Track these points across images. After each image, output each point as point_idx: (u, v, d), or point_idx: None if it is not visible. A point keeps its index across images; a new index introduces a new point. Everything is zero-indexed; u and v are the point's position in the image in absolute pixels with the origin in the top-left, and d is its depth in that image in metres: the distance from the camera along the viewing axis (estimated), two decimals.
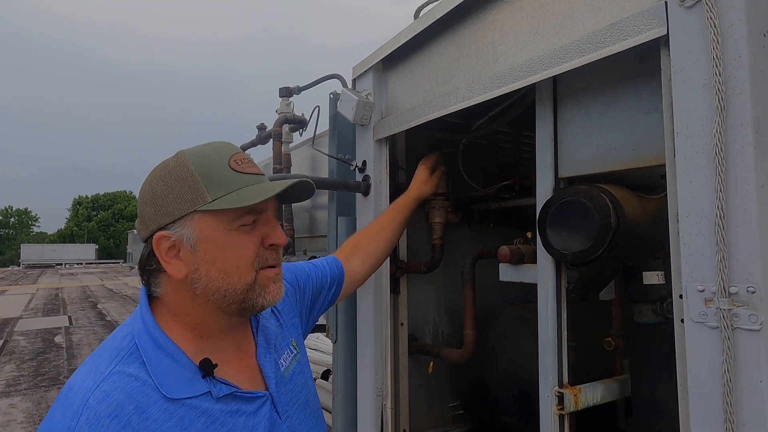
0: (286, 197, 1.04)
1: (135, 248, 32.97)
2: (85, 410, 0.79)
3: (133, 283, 24.58)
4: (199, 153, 0.93)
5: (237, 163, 0.94)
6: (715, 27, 0.92)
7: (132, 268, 33.07)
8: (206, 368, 0.90)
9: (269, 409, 0.98)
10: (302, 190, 1.04)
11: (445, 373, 2.26)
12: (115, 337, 0.91)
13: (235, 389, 0.93)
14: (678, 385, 1.01)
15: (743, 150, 0.89)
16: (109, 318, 13.64)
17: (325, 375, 3.65)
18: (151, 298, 0.97)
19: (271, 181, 0.97)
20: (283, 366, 1.07)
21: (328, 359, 4.63)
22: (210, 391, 0.89)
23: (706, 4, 0.92)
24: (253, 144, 2.87)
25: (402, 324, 2.05)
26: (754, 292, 0.87)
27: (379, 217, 1.82)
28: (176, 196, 0.90)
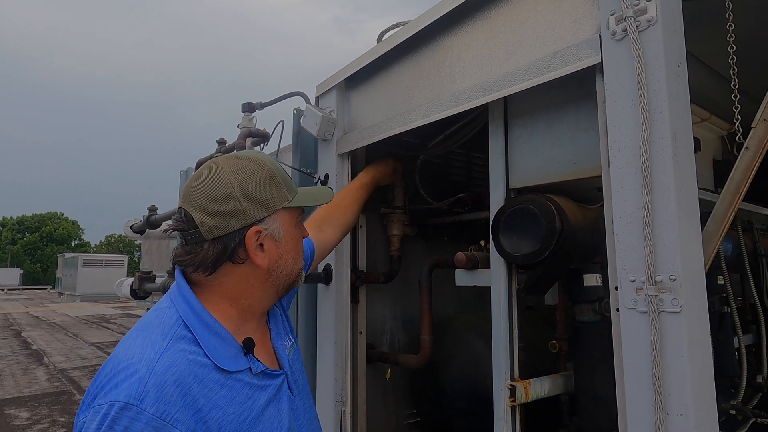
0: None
1: (65, 273, 30.86)
2: (152, 376, 0.85)
3: (61, 309, 23.02)
4: (267, 159, 1.08)
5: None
6: (640, 57, 1.09)
7: (61, 294, 30.96)
8: (249, 347, 1.01)
9: (286, 386, 1.10)
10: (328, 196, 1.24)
11: (402, 381, 2.33)
12: (162, 316, 0.97)
13: (266, 368, 1.04)
14: (615, 367, 1.14)
15: (664, 160, 1.05)
16: (35, 347, 12.68)
17: None
18: (190, 285, 1.04)
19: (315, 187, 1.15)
20: (286, 350, 1.19)
21: None
22: (250, 367, 1.00)
23: (632, 38, 1.10)
24: (211, 158, 2.88)
25: (361, 332, 2.12)
26: (675, 280, 1.02)
27: (342, 192, 1.94)
28: (270, 195, 1.03)
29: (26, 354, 11.68)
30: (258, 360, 1.03)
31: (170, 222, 1.08)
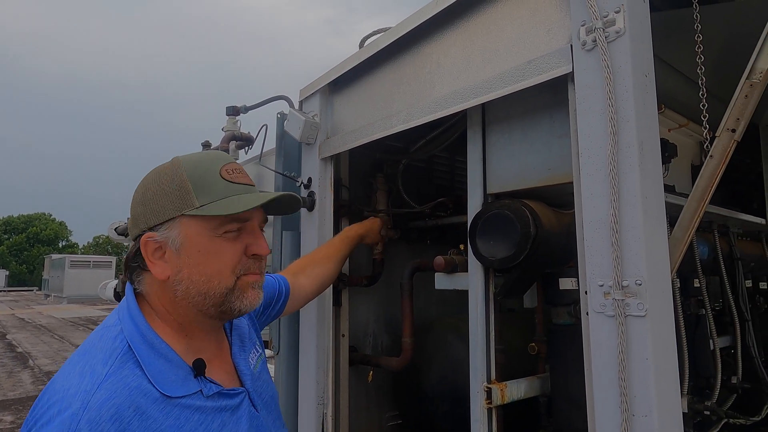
0: (273, 209, 1.08)
1: (52, 274, 30.52)
2: (86, 413, 0.78)
3: (47, 311, 22.76)
4: (192, 160, 0.98)
5: (228, 172, 0.98)
6: (609, 67, 1.12)
7: (48, 296, 30.59)
8: (199, 368, 0.94)
9: (247, 403, 1.03)
10: (288, 203, 1.10)
11: (384, 384, 2.35)
12: (105, 337, 0.90)
13: (221, 388, 0.97)
14: (585, 370, 1.17)
15: (631, 168, 1.08)
16: (20, 349, 12.53)
17: None
18: (137, 296, 0.98)
19: (261, 192, 1.02)
20: (251, 364, 1.12)
21: None
22: (201, 390, 0.93)
23: (601, 48, 1.13)
24: None
25: (343, 335, 2.13)
26: (640, 285, 1.05)
27: (323, 246, 1.91)
28: (167, 199, 0.94)
29: (11, 357, 11.54)
30: (211, 381, 0.96)
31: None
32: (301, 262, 1.76)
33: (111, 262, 29.94)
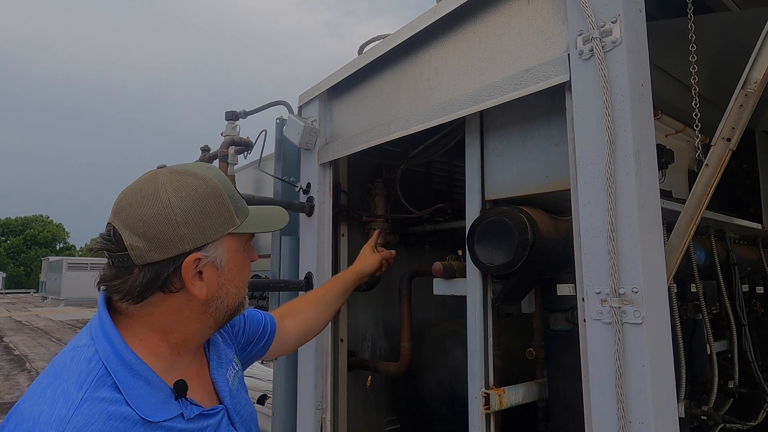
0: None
1: (49, 276, 30.44)
2: None
3: (44, 314, 22.68)
4: (218, 176, 0.96)
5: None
6: (605, 77, 1.13)
7: (45, 298, 30.50)
8: (180, 390, 0.90)
9: (226, 421, 1.01)
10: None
11: (382, 388, 2.36)
12: (78, 358, 0.84)
13: (201, 409, 0.95)
14: (582, 377, 1.17)
15: (627, 176, 1.09)
16: (17, 352, 12.49)
17: (261, 400, 3.61)
18: (114, 314, 0.92)
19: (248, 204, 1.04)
20: (229, 381, 1.10)
21: (264, 385, 4.56)
22: (182, 413, 0.90)
23: (598, 57, 1.14)
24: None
25: (342, 340, 2.14)
26: (637, 292, 1.06)
27: (320, 287, 1.80)
28: (213, 219, 0.91)
29: (8, 359, 11.51)
30: (191, 402, 0.93)
31: (97, 238, 0.93)
32: (292, 303, 1.65)
33: None
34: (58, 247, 64.10)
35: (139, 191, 0.89)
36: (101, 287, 0.90)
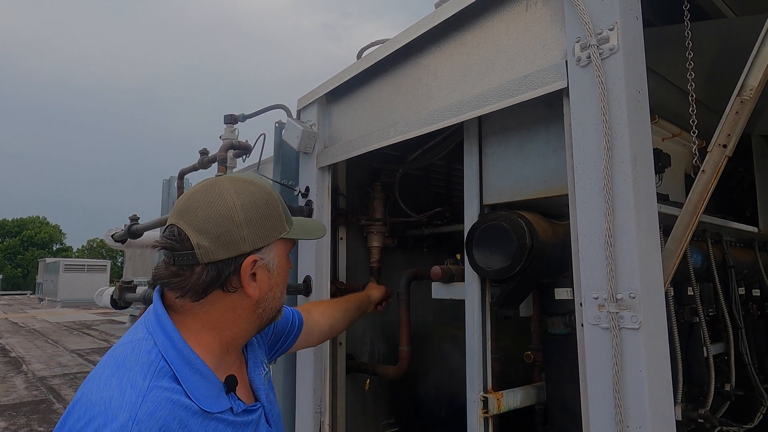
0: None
1: (45, 278, 30.29)
2: (136, 425, 0.79)
3: (41, 316, 22.60)
4: (270, 186, 1.05)
5: None
6: (603, 83, 1.14)
7: (42, 299, 30.37)
8: (231, 385, 0.97)
9: (263, 418, 1.06)
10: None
11: (381, 391, 2.36)
12: (138, 350, 0.90)
13: (246, 405, 1.01)
14: (580, 381, 1.18)
15: (624, 182, 1.10)
16: (13, 354, 12.44)
17: None
18: (168, 310, 0.98)
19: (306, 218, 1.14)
20: (263, 381, 1.15)
21: None
22: (232, 407, 0.96)
23: (596, 64, 1.15)
24: (194, 168, 2.89)
25: (340, 343, 2.14)
26: (634, 297, 1.07)
27: (332, 299, 1.93)
28: (270, 223, 0.99)
29: (4, 362, 11.46)
30: (238, 398, 0.99)
31: (159, 238, 0.98)
32: (317, 302, 1.81)
33: (105, 266, 29.74)
34: (54, 249, 63.88)
35: (203, 195, 0.95)
36: (160, 284, 0.96)
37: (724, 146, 1.15)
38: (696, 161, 1.26)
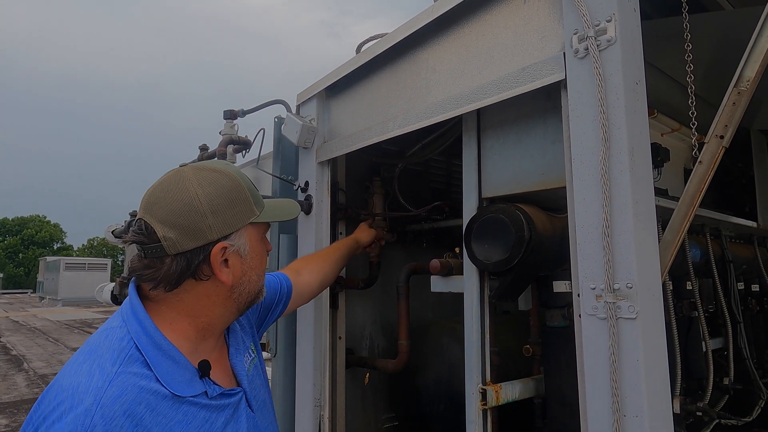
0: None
1: (46, 277, 30.33)
2: (99, 408, 0.80)
3: (41, 314, 22.63)
4: (237, 171, 1.04)
5: None
6: (600, 75, 1.14)
7: (42, 298, 30.42)
8: (204, 370, 0.98)
9: (244, 403, 1.07)
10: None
11: (380, 386, 2.37)
12: (110, 338, 0.91)
13: (223, 389, 1.02)
14: (577, 370, 1.19)
15: (622, 173, 1.11)
16: (14, 352, 12.47)
17: None
18: (144, 300, 0.99)
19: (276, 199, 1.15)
20: (246, 366, 1.16)
21: None
22: (206, 391, 0.97)
23: (593, 56, 1.15)
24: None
25: (340, 337, 2.15)
26: (631, 288, 1.07)
27: (322, 249, 1.93)
28: (237, 210, 1.00)
29: (5, 360, 11.49)
30: (214, 382, 1.00)
31: (127, 233, 1.01)
32: (304, 259, 1.80)
33: (106, 264, 29.78)
34: (55, 247, 63.95)
35: (166, 188, 0.96)
36: (134, 277, 0.97)
37: (721, 137, 1.15)
38: (695, 153, 1.26)
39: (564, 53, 1.23)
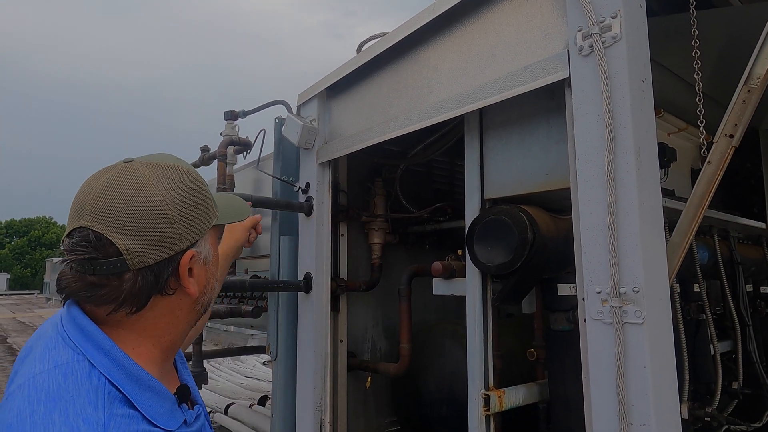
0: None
1: (53, 277, 30.52)
2: None
3: (48, 315, 22.68)
4: (191, 167, 0.92)
5: None
6: (605, 73, 1.11)
7: (49, 299, 30.56)
8: (184, 396, 0.88)
9: (206, 423, 0.99)
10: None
11: (382, 389, 2.34)
12: (72, 377, 0.76)
13: (193, 412, 0.92)
14: (582, 376, 1.16)
15: (628, 173, 1.07)
16: None
17: (262, 401, 3.60)
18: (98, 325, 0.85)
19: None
20: (193, 382, 1.07)
21: (265, 386, 4.55)
22: (186, 419, 0.87)
23: (598, 53, 1.12)
24: (195, 165, 2.89)
25: (341, 341, 2.12)
26: (638, 292, 1.04)
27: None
28: (202, 212, 0.88)
29: (11, 360, 11.53)
30: (188, 407, 0.90)
31: (65, 245, 0.83)
32: None
33: None
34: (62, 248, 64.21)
35: (121, 189, 0.81)
36: (82, 300, 0.82)
37: (731, 136, 1.12)
38: (704, 152, 1.22)
39: (568, 51, 1.20)
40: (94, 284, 0.79)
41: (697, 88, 1.33)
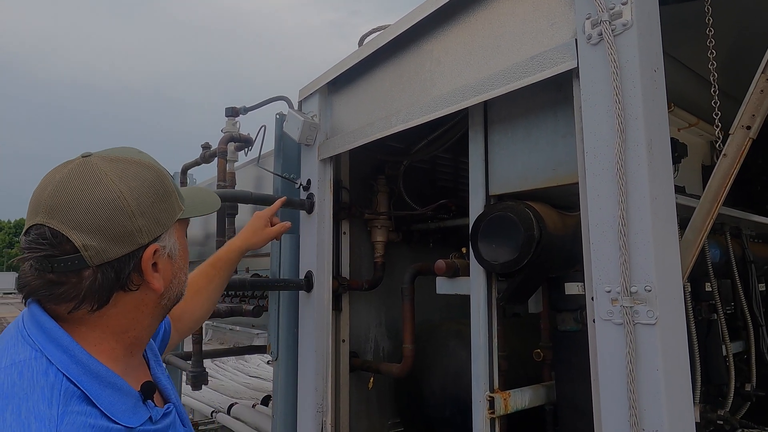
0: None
1: None
2: None
3: None
4: (153, 160, 0.91)
5: None
6: (615, 62, 1.06)
7: None
8: (148, 393, 0.86)
9: (178, 419, 0.97)
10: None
11: (385, 390, 2.30)
12: (27, 374, 0.74)
13: (161, 409, 0.91)
14: (591, 381, 1.11)
15: (639, 167, 1.03)
16: None
17: (265, 401, 3.57)
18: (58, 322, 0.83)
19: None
20: (168, 378, 1.05)
21: (268, 386, 4.52)
22: (151, 416, 0.85)
23: (607, 42, 1.07)
24: (197, 163, 2.86)
25: (343, 340, 2.08)
26: (650, 291, 0.99)
27: (193, 275, 1.43)
28: (165, 206, 0.86)
29: None
30: (155, 404, 0.88)
31: (22, 242, 0.81)
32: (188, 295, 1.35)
33: None
34: None
35: (78, 184, 0.79)
36: (41, 299, 0.80)
37: (748, 128, 1.06)
38: (719, 145, 1.17)
39: (576, 40, 1.15)
40: (53, 282, 0.77)
41: (711, 79, 1.28)
